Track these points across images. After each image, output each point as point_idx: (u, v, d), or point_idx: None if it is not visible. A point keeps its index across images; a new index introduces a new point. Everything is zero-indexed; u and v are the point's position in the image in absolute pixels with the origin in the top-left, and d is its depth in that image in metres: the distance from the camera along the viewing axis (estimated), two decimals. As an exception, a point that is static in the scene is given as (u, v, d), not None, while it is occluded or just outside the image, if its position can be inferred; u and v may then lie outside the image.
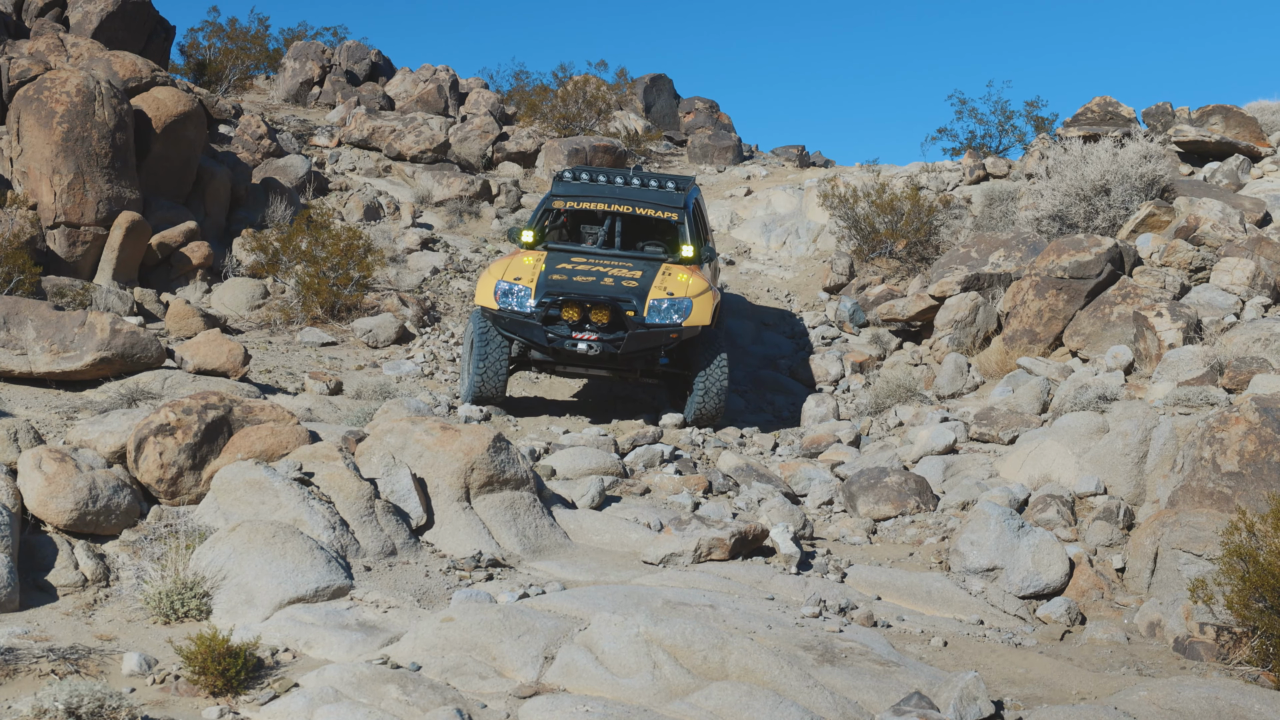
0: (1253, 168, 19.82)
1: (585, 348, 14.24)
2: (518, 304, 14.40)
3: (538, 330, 14.34)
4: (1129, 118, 22.12)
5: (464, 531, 10.82)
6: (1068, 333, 15.45)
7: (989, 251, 17.72)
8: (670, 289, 14.54)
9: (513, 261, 15.04)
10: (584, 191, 16.25)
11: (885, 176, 23.77)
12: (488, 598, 9.58)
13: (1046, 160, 20.17)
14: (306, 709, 7.80)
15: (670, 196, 16.21)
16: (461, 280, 20.65)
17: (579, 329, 14.27)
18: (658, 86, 32.69)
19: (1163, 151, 19.03)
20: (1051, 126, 27.95)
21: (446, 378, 16.39)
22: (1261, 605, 8.33)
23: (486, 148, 26.07)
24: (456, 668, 8.39)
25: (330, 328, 17.65)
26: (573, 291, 14.34)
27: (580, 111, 28.48)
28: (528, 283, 14.52)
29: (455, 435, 11.37)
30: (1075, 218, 17.99)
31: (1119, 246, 15.98)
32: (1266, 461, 10.54)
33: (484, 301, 14.60)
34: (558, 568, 10.56)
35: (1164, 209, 17.09)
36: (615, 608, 8.74)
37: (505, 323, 14.45)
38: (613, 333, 14.26)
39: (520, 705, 7.96)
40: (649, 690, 7.99)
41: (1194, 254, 15.95)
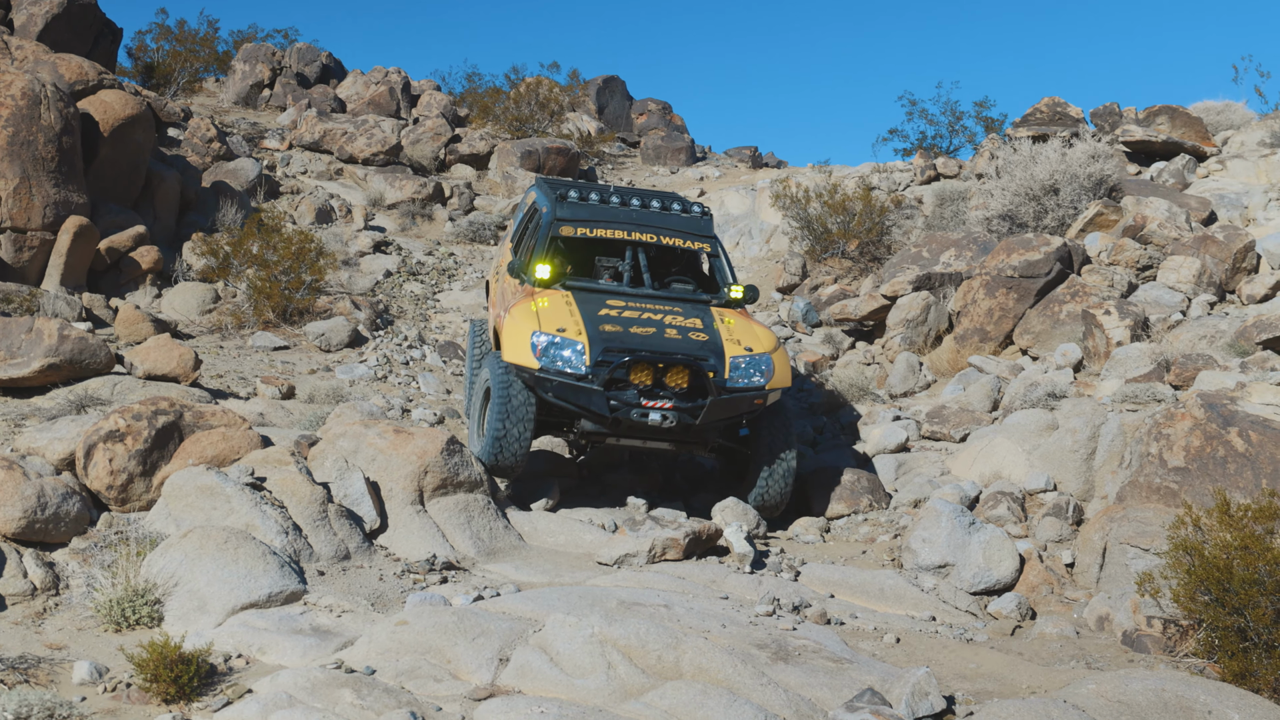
0: (1198, 167, 20.05)
1: (659, 419, 11.28)
2: (568, 363, 11.35)
3: (597, 397, 11.32)
4: (1077, 118, 22.33)
5: (418, 535, 10.81)
6: (1018, 331, 15.59)
7: (940, 251, 17.85)
8: (744, 342, 11.80)
9: (541, 305, 11.92)
10: (596, 216, 13.18)
11: (837, 177, 23.89)
12: (442, 601, 9.57)
13: (996, 160, 20.34)
14: (260, 715, 7.77)
15: (697, 223, 13.44)
16: (414, 283, 20.60)
17: (651, 395, 11.33)
18: (611, 88, 32.72)
19: (1110, 151, 19.22)
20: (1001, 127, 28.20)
21: (400, 380, 16.34)
22: (1207, 598, 8.44)
23: (439, 150, 26.01)
24: (411, 671, 8.38)
25: (282, 332, 17.56)
26: (641, 347, 11.40)
27: (533, 113, 28.46)
28: (575, 335, 11.45)
29: (409, 438, 11.36)
30: (1025, 217, 18.14)
31: (1068, 245, 16.14)
32: (1212, 457, 10.68)
33: (517, 358, 11.53)
34: (512, 570, 10.56)
35: (1112, 208, 17.27)
36: (570, 609, 8.75)
37: (551, 387, 11.43)
38: (692, 399, 11.40)
39: (475, 707, 7.96)
40: (604, 691, 8.01)
41: (1141, 253, 16.13)
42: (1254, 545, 8.34)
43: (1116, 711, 7.80)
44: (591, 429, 11.55)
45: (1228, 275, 15.47)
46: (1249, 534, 8.42)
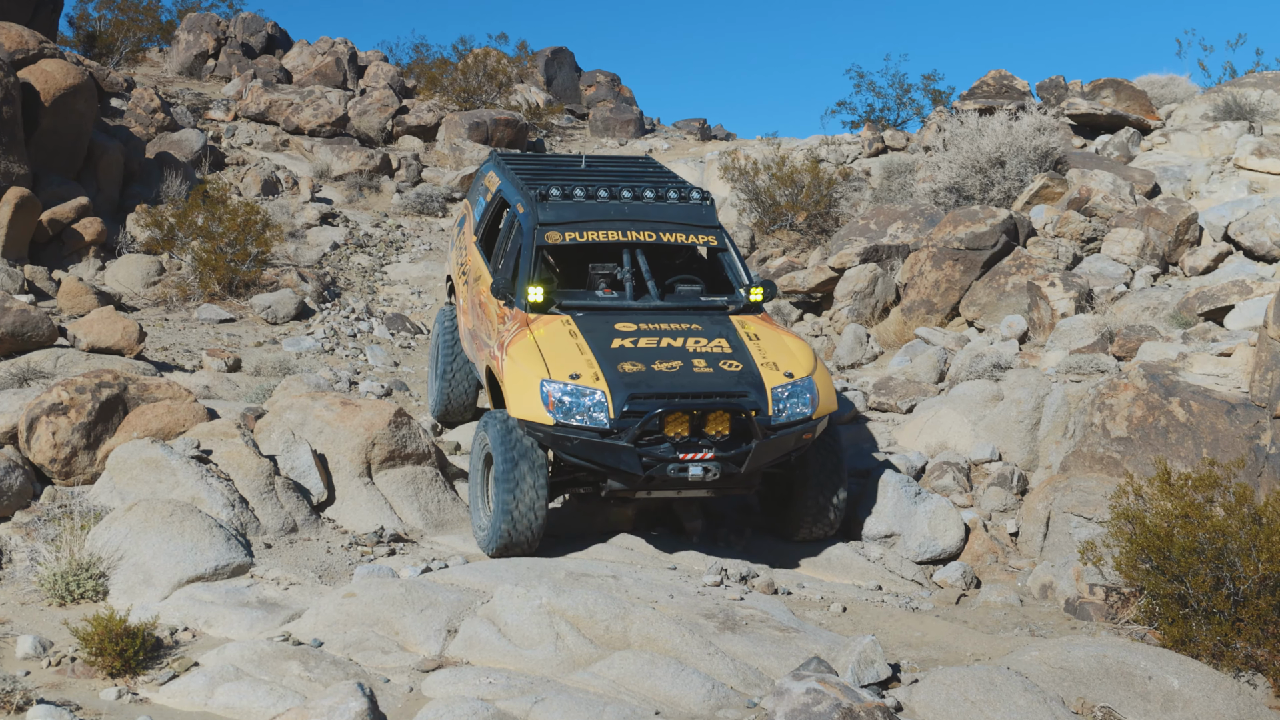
0: (1143, 140, 20.22)
1: (700, 473, 9.58)
2: (587, 417, 9.62)
3: (626, 455, 9.57)
4: (1023, 91, 22.46)
5: (366, 507, 10.79)
6: (964, 303, 15.69)
7: (887, 223, 17.93)
8: (781, 365, 10.15)
9: (542, 339, 10.12)
10: (585, 215, 11.18)
11: (785, 149, 23.91)
12: (390, 573, 9.56)
13: (943, 133, 20.43)
14: (207, 687, 7.75)
15: (699, 211, 11.47)
16: (362, 255, 20.49)
17: (689, 446, 9.62)
18: (559, 60, 32.59)
19: (1056, 124, 19.35)
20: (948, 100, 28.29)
21: (347, 353, 16.26)
22: (1148, 566, 8.55)
23: (386, 121, 25.84)
24: (359, 643, 8.38)
25: (228, 304, 17.43)
26: (672, 390, 9.69)
27: (481, 85, 28.31)
28: (592, 380, 9.69)
29: (356, 411, 11.32)
30: (971, 190, 18.25)
31: (1013, 218, 16.25)
32: (1154, 426, 10.81)
33: (526, 413, 9.74)
34: (460, 541, 10.56)
35: (1057, 181, 17.39)
36: (518, 580, 8.77)
37: (570, 446, 9.69)
38: (735, 445, 9.70)
39: (424, 679, 7.98)
40: (552, 661, 8.04)
41: (1086, 225, 16.26)
42: (1194, 514, 8.45)
43: (1059, 678, 7.90)
44: (619, 488, 9.83)
45: (1171, 247, 15.64)
46: (1189, 503, 8.54)
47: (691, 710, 7.53)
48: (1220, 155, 18.58)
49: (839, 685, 7.30)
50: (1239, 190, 17.06)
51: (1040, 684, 7.80)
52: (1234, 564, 8.21)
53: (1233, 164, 17.82)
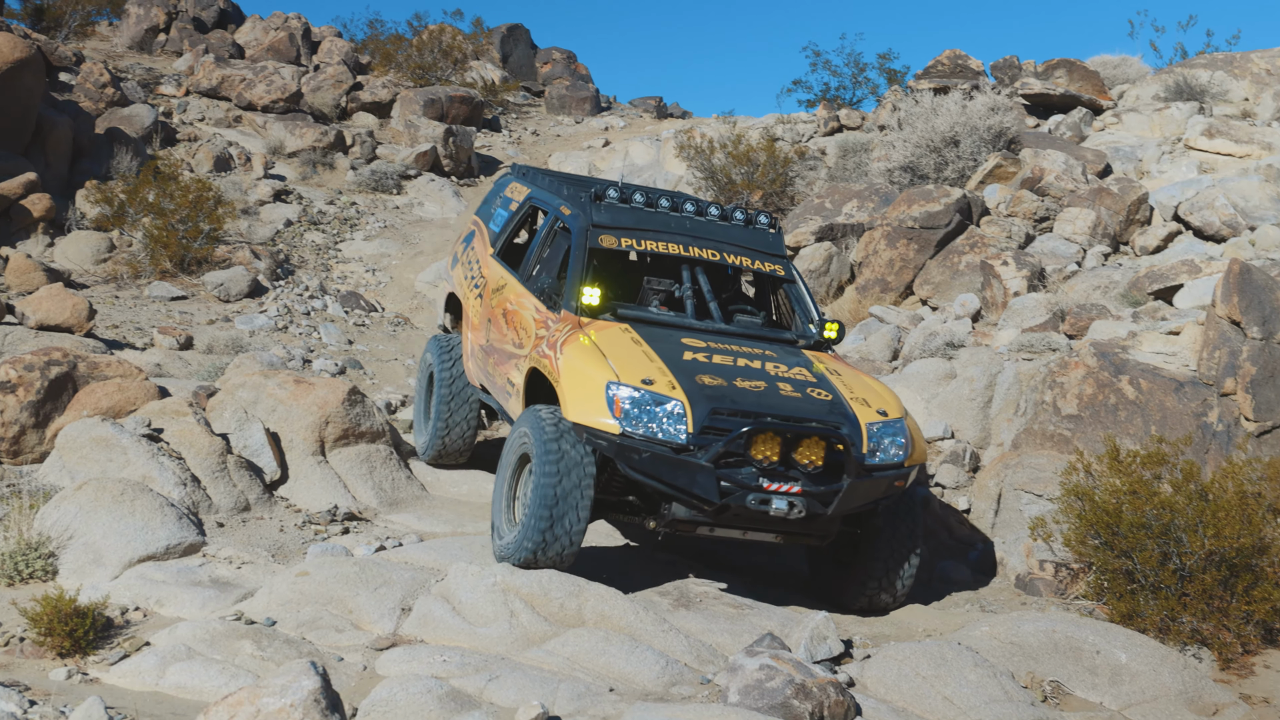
0: (1095, 120, 20.35)
1: (785, 507, 8.28)
2: (662, 429, 8.33)
3: (704, 476, 8.27)
4: (978, 71, 22.55)
5: (319, 485, 10.74)
6: (918, 281, 15.76)
7: (843, 202, 17.98)
8: (871, 403, 8.93)
9: (605, 344, 8.86)
10: (644, 224, 10.06)
11: (741, 128, 23.93)
12: (344, 551, 9.53)
13: (898, 112, 20.49)
14: (158, 667, 7.70)
15: (766, 238, 10.36)
16: (316, 233, 20.35)
17: (776, 475, 8.35)
18: (515, 37, 32.45)
19: (1010, 104, 19.44)
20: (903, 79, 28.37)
21: (301, 331, 16.17)
22: (1097, 542, 8.65)
23: (340, 98, 25.65)
24: (312, 622, 8.35)
25: (180, 281, 17.28)
26: (760, 409, 8.45)
27: (436, 61, 28.14)
28: (668, 389, 8.44)
29: (309, 389, 11.26)
30: (926, 169, 18.32)
31: (967, 197, 16.33)
32: (1104, 404, 10.91)
33: (588, 417, 8.44)
34: (415, 520, 10.54)
35: (1010, 160, 17.49)
36: (472, 558, 8.76)
37: (637, 461, 8.36)
38: (826, 481, 8.44)
39: (377, 657, 7.96)
40: (506, 639, 8.04)
41: (1038, 204, 16.36)
42: (1142, 490, 8.55)
43: (1009, 652, 7.99)
44: (685, 516, 8.49)
45: (1122, 227, 15.76)
46: (1137, 479, 8.63)
47: (645, 687, 7.56)
48: (1171, 136, 18.73)
49: (792, 661, 7.35)
50: (1189, 170, 17.22)
51: (991, 659, 7.88)
52: (1181, 540, 8.32)
53: (1183, 144, 17.98)
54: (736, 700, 7.14)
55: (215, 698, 7.33)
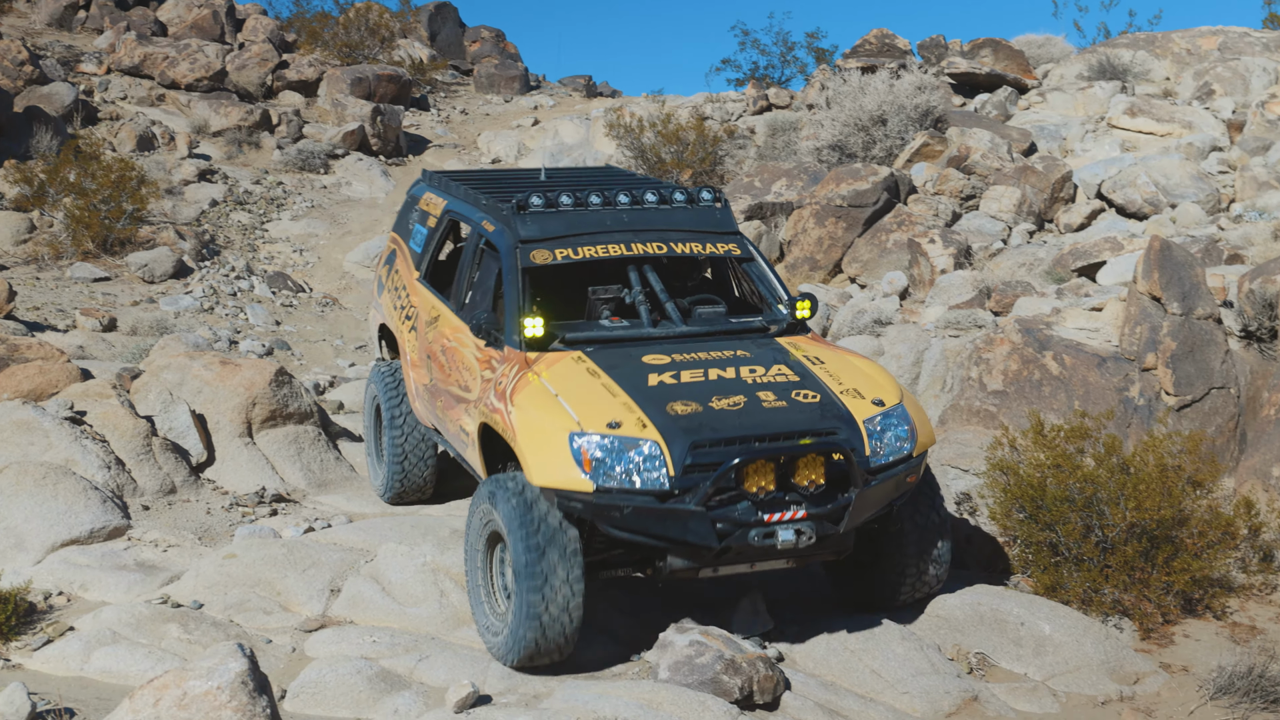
0: (1020, 99, 20.55)
1: (793, 537, 7.34)
2: (641, 477, 7.31)
3: (696, 522, 7.28)
4: (905, 50, 22.68)
5: (247, 467, 10.66)
6: (847, 259, 15.86)
7: (772, 181, 18.03)
8: (864, 391, 7.98)
9: (556, 381, 7.79)
10: (576, 227, 8.86)
11: (671, 107, 23.93)
12: (272, 533, 9.47)
13: (827, 91, 20.57)
14: (83, 652, 7.63)
15: (713, 216, 9.20)
16: (242, 213, 20.13)
17: (774, 505, 7.38)
18: (442, 15, 32.19)
19: (936, 83, 19.59)
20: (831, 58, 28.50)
21: (227, 312, 16.01)
22: (1022, 515, 8.76)
23: (266, 76, 25.34)
24: (240, 604, 8.30)
25: (103, 262, 17.03)
26: (747, 433, 7.48)
27: (363, 40, 27.86)
28: (638, 428, 7.40)
29: (236, 370, 11.16)
30: (854, 147, 18.42)
31: (895, 175, 16.44)
32: (1028, 380, 11.04)
33: (553, 479, 7.35)
34: (344, 501, 10.49)
35: (937, 139, 17.62)
36: (402, 538, 8.74)
37: (618, 518, 7.32)
38: (831, 498, 7.51)
39: (306, 639, 7.93)
40: (437, 618, 8.04)
41: (965, 182, 16.50)
42: (1065, 464, 8.67)
43: (936, 625, 8.09)
44: (683, 566, 7.54)
45: (1046, 204, 15.94)
46: (1061, 453, 8.75)
47: (577, 664, 7.57)
48: (1094, 114, 18.96)
49: (721, 637, 7.40)
50: (1112, 149, 17.44)
51: (917, 632, 7.98)
52: (1103, 512, 8.45)
53: (1106, 123, 18.21)
54: (666, 676, 7.18)
55: (141, 682, 7.25)
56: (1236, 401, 10.30)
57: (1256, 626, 8.46)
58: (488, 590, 7.80)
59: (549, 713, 6.78)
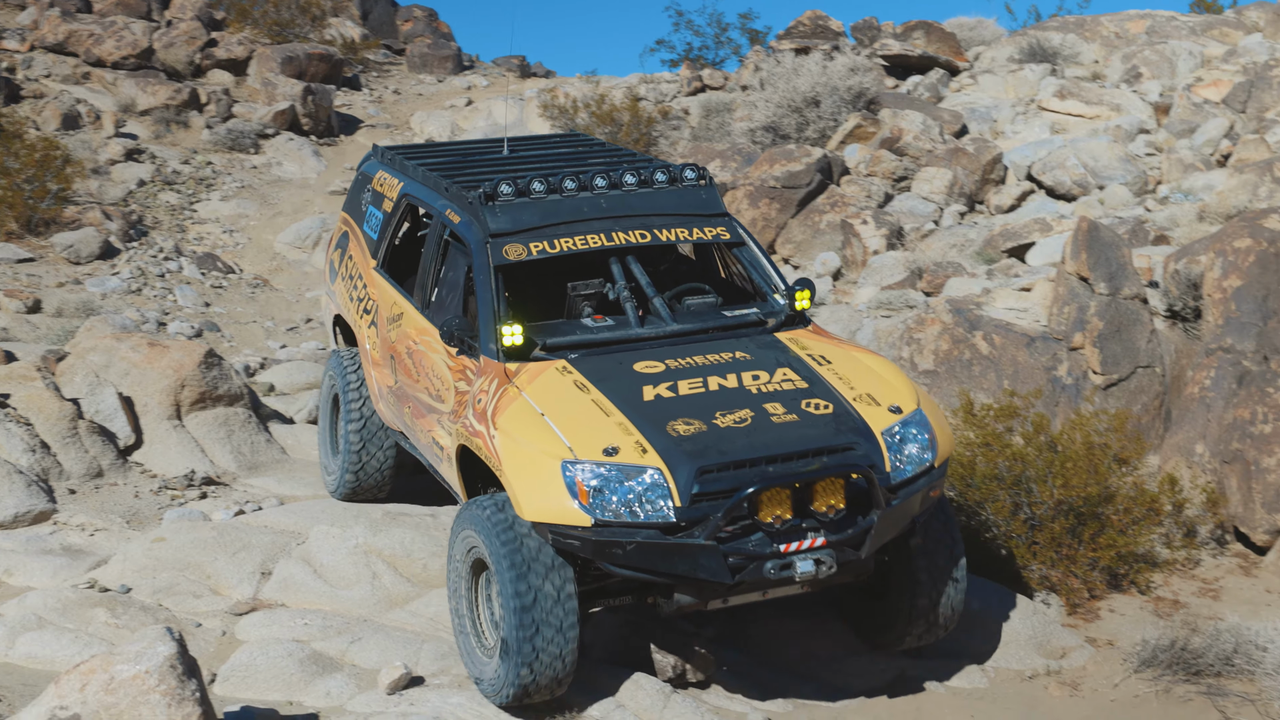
0: (952, 81, 20.69)
1: (813, 568, 6.66)
2: (643, 507, 6.61)
3: (709, 558, 6.58)
4: (838, 31, 22.76)
5: (176, 450, 10.55)
6: (780, 240, 15.91)
7: (706, 162, 18.05)
8: (878, 395, 7.26)
9: (543, 400, 7.06)
10: (551, 217, 8.02)
11: (605, 87, 23.88)
12: (201, 516, 9.39)
13: (760, 72, 20.62)
14: (7, 638, 7.53)
15: (698, 197, 8.34)
16: (170, 193, 19.86)
17: (791, 534, 6.69)
18: (374, -7, 31.89)
19: (869, 65, 19.69)
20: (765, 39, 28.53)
21: (155, 294, 15.81)
22: (951, 493, 8.84)
23: (194, 54, 25.01)
24: (169, 588, 8.22)
25: (27, 243, 16.75)
26: (758, 454, 6.74)
27: (294, 18, 27.55)
28: (637, 454, 6.70)
29: (164, 352, 11.03)
30: (787, 129, 18.47)
31: (828, 157, 16.51)
32: (959, 359, 11.14)
33: (546, 514, 6.66)
34: (275, 483, 10.41)
35: (870, 120, 17.71)
36: (334, 521, 8.68)
37: (620, 555, 6.62)
38: (851, 522, 6.80)
39: (237, 622, 7.87)
40: (369, 601, 8.00)
41: (897, 164, 16.60)
42: (995, 442, 8.77)
43: (866, 603, 8.13)
44: (689, 601, 6.91)
45: (977, 186, 16.07)
46: (990, 432, 8.85)
47: (509, 645, 7.56)
48: (1025, 97, 19.12)
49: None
50: (1042, 131, 17.60)
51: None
52: (1031, 490, 8.56)
53: (1036, 105, 18.37)
54: (599, 654, 7.19)
55: (67, 667, 7.18)
56: (1161, 380, 10.45)
57: (1179, 601, 8.61)
58: (474, 621, 7.12)
59: (481, 693, 6.77)
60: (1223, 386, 9.53)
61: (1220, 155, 15.42)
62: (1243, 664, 7.29)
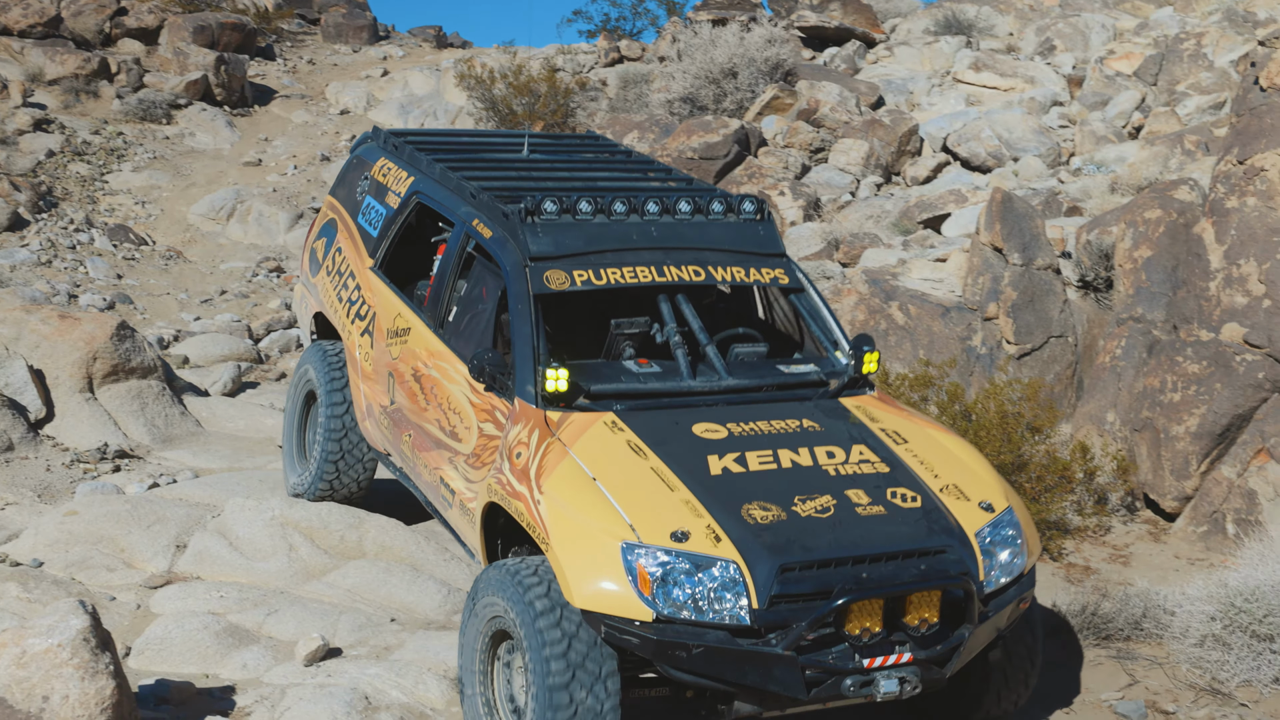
0: (868, 53, 20.82)
1: (896, 688, 5.75)
2: (713, 606, 5.61)
3: (784, 670, 5.62)
4: (755, 3, 22.82)
5: (88, 423, 10.40)
6: (698, 212, 15.95)
7: (624, 133, 18.03)
8: (963, 487, 6.31)
9: (600, 467, 6.03)
10: (597, 243, 6.95)
11: (522, 58, 23.76)
12: (115, 489, 9.27)
13: (678, 44, 20.62)
14: (-84, 613, 7.38)
15: (754, 233, 7.28)
16: (80, 164, 19.51)
17: (878, 648, 5.77)
18: (289, -38, 31.45)
19: (786, 36, 19.75)
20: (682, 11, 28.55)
21: (66, 265, 15.54)
22: (868, 461, 8.93)
23: (104, 23, 24.55)
24: (82, 562, 8.11)
25: (-68, 214, 16.41)
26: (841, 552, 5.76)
27: (206, -14, 27.16)
28: (708, 542, 5.69)
29: (76, 324, 10.86)
30: (705, 100, 18.50)
31: (745, 128, 16.56)
32: (875, 330, 11.24)
33: (601, 603, 5.61)
34: (190, 456, 10.30)
35: (787, 92, 17.77)
36: (250, 493, 8.61)
37: (684, 659, 5.59)
38: (943, 638, 5.88)
39: (151, 595, 7.79)
40: (285, 572, 7.94)
41: (814, 135, 16.69)
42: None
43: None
44: (750, 711, 5.85)
45: (894, 158, 16.20)
46: (906, 401, 8.93)
47: (428, 615, 7.56)
48: (940, 69, 19.30)
49: (574, 585, 7.41)
50: (957, 103, 17.78)
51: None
52: (946, 457, 8.64)
53: (952, 78, 18.55)
54: None
55: (-22, 642, 7.08)
56: (1074, 349, 10.62)
57: (1090, 567, 8.76)
58: (487, 702, 6.10)
59: (399, 664, 6.76)
60: (1133, 356, 9.70)
61: (1132, 128, 15.67)
62: (1151, 628, 7.44)
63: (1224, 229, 9.03)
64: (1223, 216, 9.06)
